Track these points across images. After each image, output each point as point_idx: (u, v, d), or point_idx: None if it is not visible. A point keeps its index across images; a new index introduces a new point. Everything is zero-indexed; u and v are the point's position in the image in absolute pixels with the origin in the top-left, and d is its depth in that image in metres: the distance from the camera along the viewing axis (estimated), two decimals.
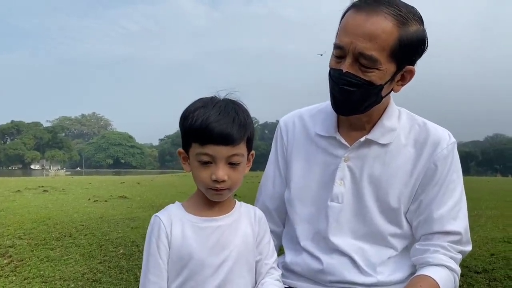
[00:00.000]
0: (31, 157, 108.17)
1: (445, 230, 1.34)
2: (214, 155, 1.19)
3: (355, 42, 1.25)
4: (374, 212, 1.40)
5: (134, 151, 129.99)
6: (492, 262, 3.97)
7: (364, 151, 1.42)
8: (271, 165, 1.61)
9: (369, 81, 1.28)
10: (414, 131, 1.43)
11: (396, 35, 1.25)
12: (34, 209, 7.06)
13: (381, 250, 1.41)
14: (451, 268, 1.32)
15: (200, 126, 1.19)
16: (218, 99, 1.27)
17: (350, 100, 1.31)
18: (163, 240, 1.23)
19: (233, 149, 1.20)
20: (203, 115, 1.20)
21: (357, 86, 1.28)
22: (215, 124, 1.18)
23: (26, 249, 4.39)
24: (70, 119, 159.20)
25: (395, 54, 1.27)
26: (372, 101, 1.34)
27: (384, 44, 1.25)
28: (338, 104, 1.36)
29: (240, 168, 1.25)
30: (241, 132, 1.21)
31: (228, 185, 1.23)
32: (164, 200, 9.57)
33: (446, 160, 1.38)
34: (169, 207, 1.31)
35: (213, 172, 1.21)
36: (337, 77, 1.30)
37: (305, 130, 1.54)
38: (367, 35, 1.24)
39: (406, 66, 1.33)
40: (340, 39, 1.30)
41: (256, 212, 1.36)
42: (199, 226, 1.26)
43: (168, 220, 1.25)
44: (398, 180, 1.39)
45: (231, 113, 1.22)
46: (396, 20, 1.26)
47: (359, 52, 1.26)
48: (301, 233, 1.48)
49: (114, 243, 4.62)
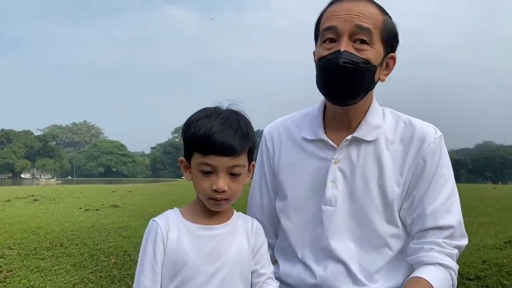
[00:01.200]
0: (21, 166, 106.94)
1: (438, 225, 1.33)
2: (215, 165, 1.20)
3: (349, 19, 1.29)
4: (369, 212, 1.39)
5: (126, 160, 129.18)
6: (484, 269, 4.00)
7: (352, 151, 1.42)
8: (257, 176, 1.60)
9: (366, 59, 1.29)
10: (399, 128, 1.44)
11: (382, 19, 1.33)
12: (24, 218, 7.00)
13: (378, 254, 1.40)
14: (446, 265, 1.31)
15: (203, 136, 1.19)
16: (221, 110, 1.27)
17: (350, 81, 1.30)
18: (159, 244, 1.23)
19: (235, 160, 1.21)
20: (206, 125, 1.20)
21: (356, 64, 1.28)
22: (217, 135, 1.18)
23: (16, 259, 4.34)
24: (61, 128, 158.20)
25: (383, 36, 1.32)
26: (367, 85, 1.34)
27: (375, 22, 1.31)
28: (336, 90, 1.34)
29: (241, 179, 1.26)
30: (243, 143, 1.22)
31: (227, 196, 1.23)
32: (156, 209, 9.53)
33: (434, 154, 1.38)
34: (167, 212, 1.31)
35: (213, 182, 1.21)
36: (336, 57, 1.28)
37: (291, 137, 1.53)
38: (360, 12, 1.30)
39: (390, 53, 1.38)
40: (330, 22, 1.32)
41: (253, 223, 1.36)
42: (195, 234, 1.26)
43: (165, 225, 1.25)
44: (389, 177, 1.39)
45: (234, 124, 1.22)
46: (378, 7, 1.35)
47: (356, 25, 1.28)
48: (297, 243, 1.47)
49: (105, 253, 4.59)
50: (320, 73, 1.35)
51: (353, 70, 1.28)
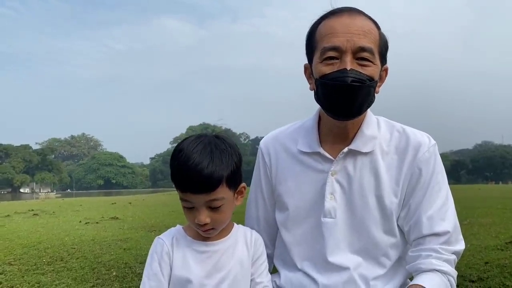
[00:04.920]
0: (20, 180, 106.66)
1: (435, 231, 1.34)
2: (193, 202, 1.24)
3: (351, 39, 1.28)
4: (368, 223, 1.40)
5: (125, 171, 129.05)
6: (486, 270, 3.99)
7: (349, 163, 1.42)
8: (254, 189, 1.61)
9: (370, 76, 1.30)
10: (394, 137, 1.45)
11: (378, 33, 1.35)
12: (24, 233, 6.98)
13: (378, 264, 1.40)
14: (444, 271, 1.31)
15: (177, 175, 1.24)
16: (200, 140, 1.27)
17: (357, 99, 1.30)
18: (166, 260, 1.28)
19: (212, 195, 1.23)
20: (180, 161, 1.22)
21: (363, 81, 1.29)
22: (190, 173, 1.20)
23: (17, 275, 4.32)
24: (60, 141, 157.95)
25: (380, 51, 1.35)
26: (370, 100, 1.36)
27: (374, 39, 1.32)
28: (343, 107, 1.33)
29: (224, 209, 1.27)
30: (218, 177, 1.23)
31: (212, 226, 1.26)
32: (156, 220, 9.50)
33: (428, 162, 1.40)
34: (171, 230, 1.36)
35: (195, 216, 1.25)
36: (343, 76, 1.28)
37: (286, 150, 1.53)
38: (361, 31, 1.29)
39: (384, 65, 1.40)
40: (331, 40, 1.31)
41: (252, 234, 1.40)
42: (198, 250, 1.31)
43: (170, 243, 1.30)
44: (386, 188, 1.40)
45: (207, 158, 1.23)
46: (372, 21, 1.35)
47: (359, 47, 1.28)
48: (298, 255, 1.47)
49: (106, 266, 4.56)
50: (324, 90, 1.33)
51: (360, 88, 1.29)
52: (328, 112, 1.38)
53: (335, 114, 1.37)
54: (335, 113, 1.36)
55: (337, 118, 1.38)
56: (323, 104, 1.37)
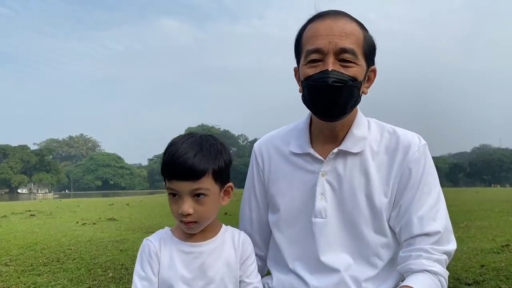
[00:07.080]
0: (18, 181, 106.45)
1: (425, 231, 1.35)
2: (178, 190, 1.26)
3: (333, 41, 1.31)
4: (359, 223, 1.41)
5: (123, 172, 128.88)
6: (482, 273, 3.99)
7: (339, 163, 1.44)
8: (247, 190, 1.63)
9: (353, 76, 1.32)
10: (384, 138, 1.46)
11: (362, 35, 1.37)
12: (20, 234, 6.96)
13: (369, 264, 1.41)
14: (434, 272, 1.31)
15: (165, 163, 1.26)
16: (190, 136, 1.32)
17: (339, 99, 1.32)
18: (154, 259, 1.30)
19: (196, 183, 1.25)
20: (170, 153, 1.26)
21: (344, 82, 1.30)
22: (178, 160, 1.24)
23: (13, 276, 4.31)
24: (58, 141, 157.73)
25: (365, 52, 1.36)
26: (355, 100, 1.37)
27: (358, 40, 1.34)
28: (327, 107, 1.35)
29: (208, 202, 1.28)
30: (204, 166, 1.25)
31: (194, 218, 1.27)
32: (154, 221, 9.50)
33: (419, 162, 1.41)
34: (159, 232, 1.38)
35: (179, 206, 1.26)
36: (324, 77, 1.30)
37: (279, 152, 1.55)
38: (343, 32, 1.32)
39: (371, 66, 1.41)
40: (314, 43, 1.34)
41: (240, 235, 1.41)
42: (184, 251, 1.32)
43: (158, 244, 1.32)
44: (376, 188, 1.40)
45: (195, 149, 1.26)
46: (357, 23, 1.38)
47: (341, 48, 1.30)
48: (289, 255, 1.48)
49: (103, 267, 4.56)
50: (308, 92, 1.36)
51: (342, 89, 1.31)
52: (313, 113, 1.42)
53: (320, 115, 1.40)
54: (319, 114, 1.40)
55: (322, 118, 1.41)
56: (309, 106, 1.40)
